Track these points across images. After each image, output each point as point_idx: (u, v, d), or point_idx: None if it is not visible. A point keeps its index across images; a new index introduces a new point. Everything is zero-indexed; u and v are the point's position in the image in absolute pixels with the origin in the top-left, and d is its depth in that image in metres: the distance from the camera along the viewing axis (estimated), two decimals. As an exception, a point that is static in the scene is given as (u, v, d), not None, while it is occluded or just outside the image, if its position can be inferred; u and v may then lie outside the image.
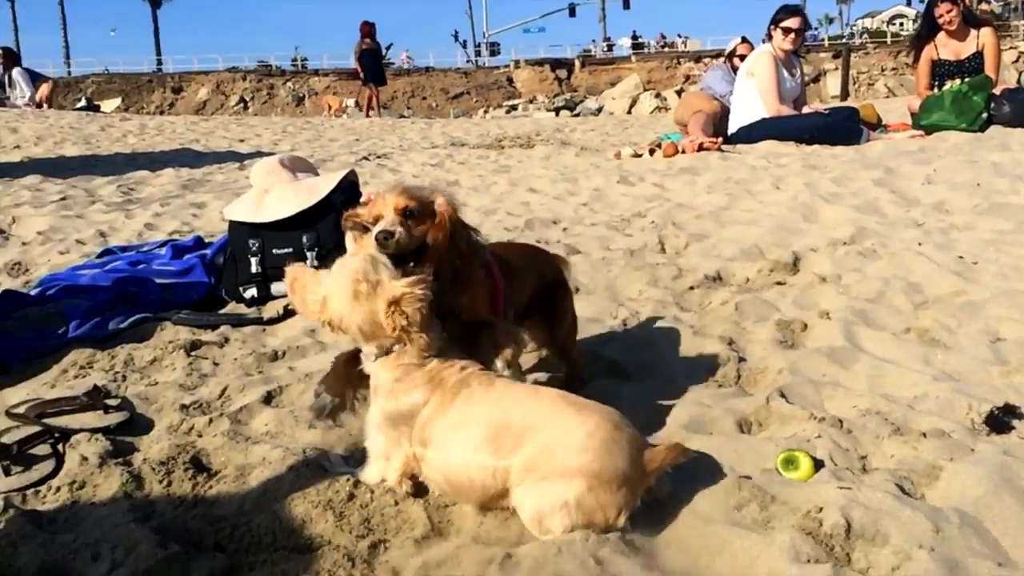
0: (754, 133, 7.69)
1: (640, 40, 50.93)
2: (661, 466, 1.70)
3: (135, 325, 3.20)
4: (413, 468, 1.86)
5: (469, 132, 12.95)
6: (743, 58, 8.34)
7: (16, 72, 15.48)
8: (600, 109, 27.67)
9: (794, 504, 1.79)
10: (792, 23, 7.73)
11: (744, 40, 9.07)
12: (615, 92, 31.50)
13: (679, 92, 26.57)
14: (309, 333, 3.10)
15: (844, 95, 25.07)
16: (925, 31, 8.30)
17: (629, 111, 26.83)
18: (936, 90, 8.05)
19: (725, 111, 8.30)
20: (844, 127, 7.58)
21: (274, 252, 3.47)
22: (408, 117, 23.25)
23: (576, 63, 40.27)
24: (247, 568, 1.71)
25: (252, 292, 3.47)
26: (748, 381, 2.59)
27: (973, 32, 8.07)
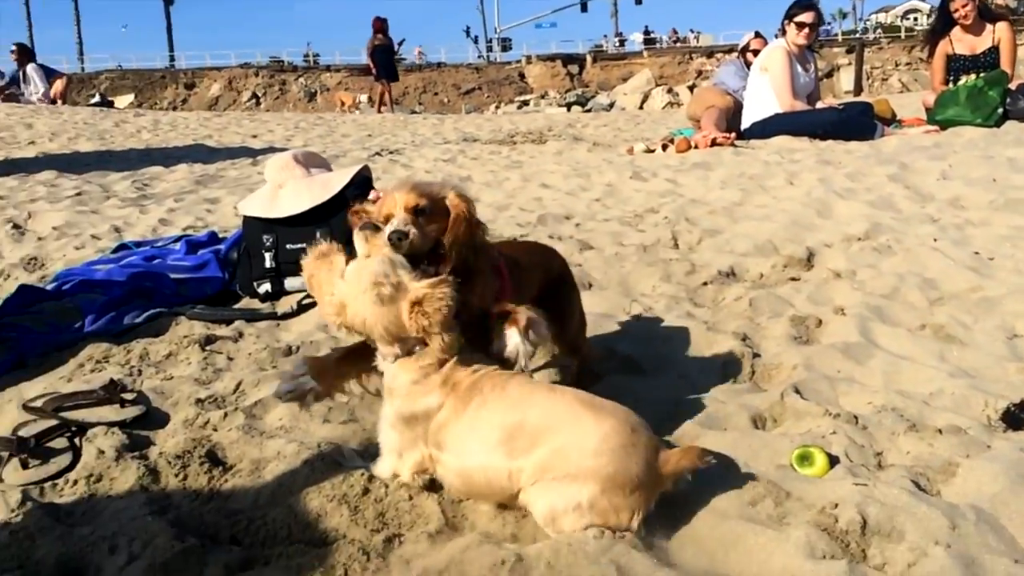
0: (767, 128, 7.67)
1: (652, 35, 50.71)
2: (677, 471, 1.68)
3: (150, 320, 3.21)
4: (428, 468, 1.86)
5: (481, 128, 12.94)
6: (756, 53, 8.33)
7: (30, 68, 15.54)
8: (612, 104, 27.59)
9: (809, 500, 1.79)
10: (806, 18, 7.70)
11: (757, 35, 9.04)
12: (627, 87, 31.42)
13: (691, 87, 26.51)
14: (323, 328, 3.10)
15: (857, 90, 24.92)
16: (940, 25, 8.25)
17: (641, 106, 26.77)
18: (951, 85, 8.01)
19: (738, 106, 8.28)
20: (858, 122, 7.53)
21: (288, 247, 3.48)
22: (420, 113, 23.26)
23: (588, 58, 40.16)
24: (263, 561, 1.71)
25: (266, 287, 3.48)
26: (762, 377, 2.58)
27: (989, 26, 8.01)
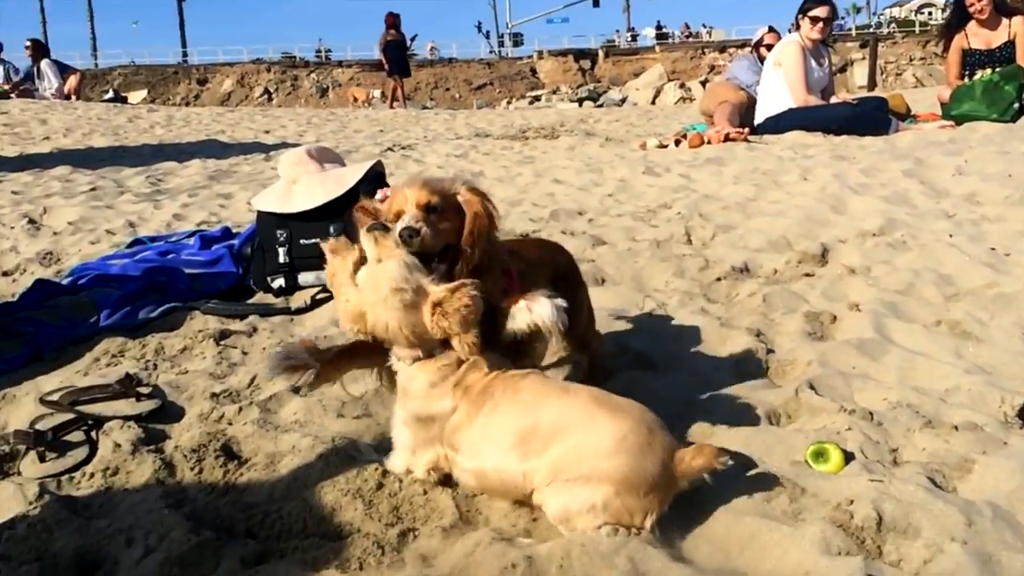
0: (781, 123, 7.63)
1: (664, 30, 50.51)
2: (692, 471, 1.65)
3: (165, 314, 3.23)
4: (442, 466, 1.85)
5: (493, 123, 12.94)
6: (770, 48, 8.27)
7: (44, 64, 15.61)
8: (624, 100, 27.49)
9: (824, 496, 1.78)
10: (820, 12, 7.64)
11: (771, 29, 8.99)
12: (639, 83, 31.29)
13: (703, 82, 26.36)
14: (336, 323, 3.10)
15: (871, 85, 24.75)
16: (956, 20, 8.18)
17: (653, 102, 26.66)
18: (967, 80, 7.93)
19: (751, 101, 8.24)
20: (873, 117, 7.48)
21: (301, 242, 3.49)
22: (431, 108, 23.26)
23: (600, 53, 40.04)
24: (278, 554, 1.72)
25: (280, 282, 3.49)
26: (777, 373, 2.57)
27: (1005, 21, 7.92)
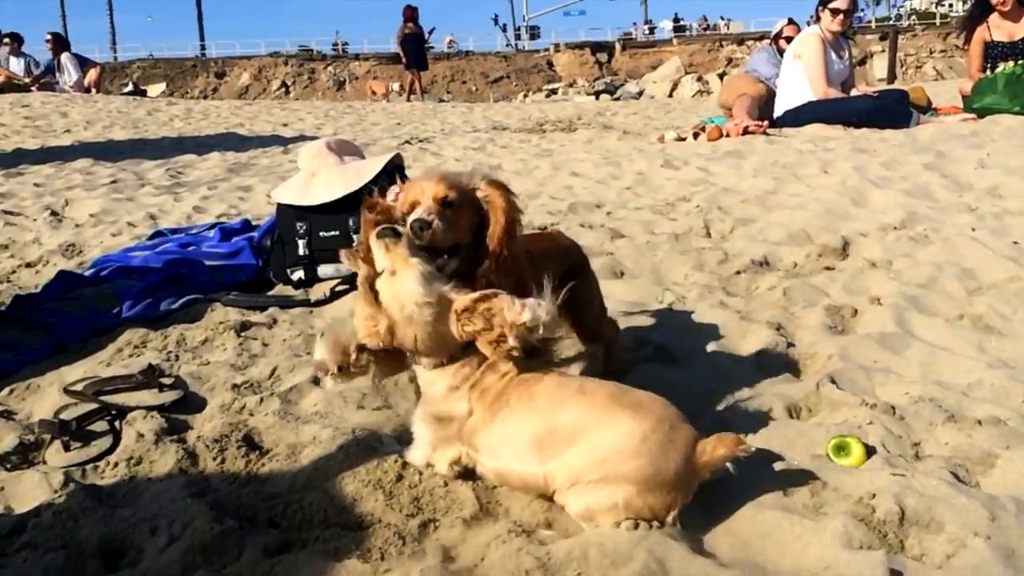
0: (800, 116, 7.58)
1: (682, 22, 50.15)
2: (715, 461, 1.64)
3: (186, 306, 3.25)
4: (464, 462, 1.85)
5: (510, 116, 12.92)
6: (790, 40, 8.23)
7: (65, 57, 15.72)
8: (641, 93, 27.35)
9: (846, 490, 1.77)
10: (841, 4, 7.58)
11: (791, 22, 8.95)
12: (656, 76, 31.10)
13: (721, 75, 26.20)
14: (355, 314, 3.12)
15: (891, 78, 24.50)
16: (978, 12, 8.09)
17: (670, 95, 26.51)
18: (989, 72, 7.85)
19: (771, 94, 8.20)
20: (894, 110, 7.42)
21: (321, 235, 3.50)
22: (448, 101, 23.25)
23: (617, 46, 39.81)
24: (300, 544, 1.73)
25: (299, 274, 3.50)
26: (797, 367, 2.56)
27: (1027, 13, 7.85)
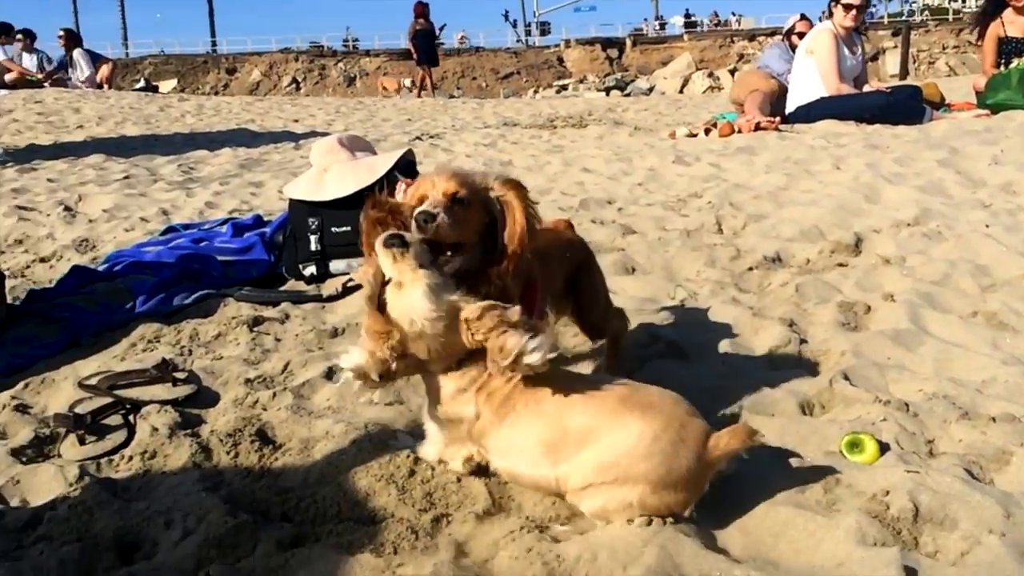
0: (813, 112, 7.54)
1: (693, 18, 49.97)
2: (727, 453, 1.64)
3: (199, 301, 3.27)
4: (477, 459, 1.85)
5: (520, 112, 12.90)
6: (802, 36, 8.20)
7: (77, 53, 15.76)
8: (651, 89, 27.25)
9: (859, 487, 1.77)
10: (854, -1, 7.54)
11: (803, 17, 8.91)
12: (666, 72, 30.99)
13: (732, 71, 26.10)
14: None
15: (903, 74, 24.34)
16: (991, 7, 8.05)
17: (681, 91, 26.41)
18: (1003, 68, 7.80)
19: (783, 90, 8.16)
20: (907, 106, 7.38)
21: (333, 230, 3.50)
22: (458, 97, 23.23)
23: (627, 42, 39.71)
24: (314, 538, 1.74)
25: (311, 270, 3.51)
26: (810, 363, 2.55)
27: (1042, 9, 7.79)
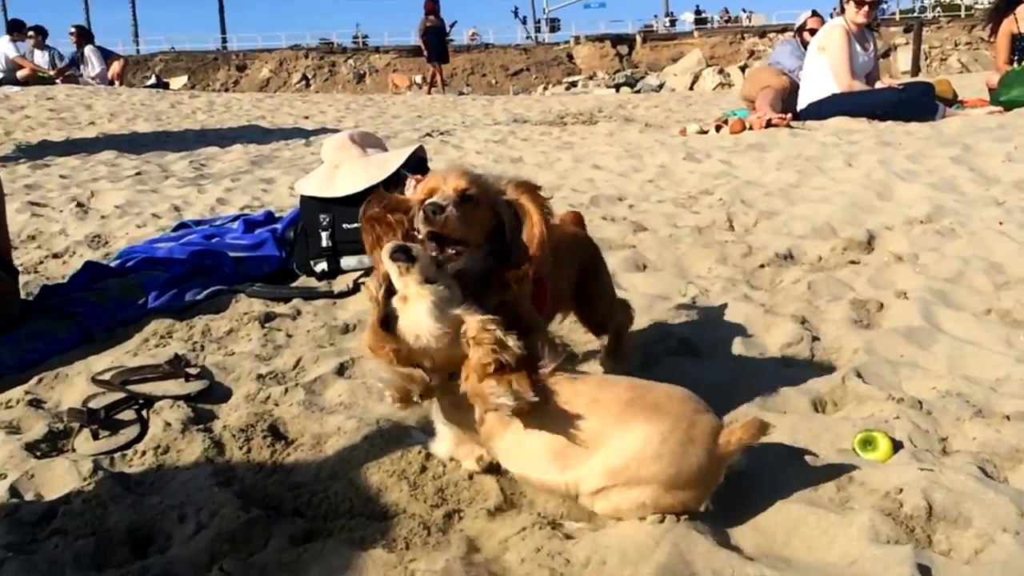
0: (824, 109, 7.51)
1: (703, 15, 49.77)
2: (739, 447, 1.62)
3: (211, 297, 3.28)
4: (487, 459, 1.85)
5: (530, 109, 12.89)
6: (813, 32, 8.15)
7: (88, 50, 15.84)
8: (661, 86, 27.21)
9: (873, 485, 1.76)
10: (866, -5, 7.51)
11: (815, 14, 8.87)
12: (677, 68, 30.92)
13: (743, 68, 26.01)
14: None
15: (915, 70, 24.22)
16: (1005, 4, 8.02)
17: (691, 87, 26.35)
18: (1016, 65, 7.76)
19: (794, 86, 8.13)
20: (919, 103, 7.34)
21: (344, 227, 3.51)
22: (467, 94, 23.23)
23: (637, 39, 39.60)
24: (326, 533, 1.75)
25: (323, 266, 3.52)
26: (822, 361, 2.54)
27: (1056, 5, 7.75)
